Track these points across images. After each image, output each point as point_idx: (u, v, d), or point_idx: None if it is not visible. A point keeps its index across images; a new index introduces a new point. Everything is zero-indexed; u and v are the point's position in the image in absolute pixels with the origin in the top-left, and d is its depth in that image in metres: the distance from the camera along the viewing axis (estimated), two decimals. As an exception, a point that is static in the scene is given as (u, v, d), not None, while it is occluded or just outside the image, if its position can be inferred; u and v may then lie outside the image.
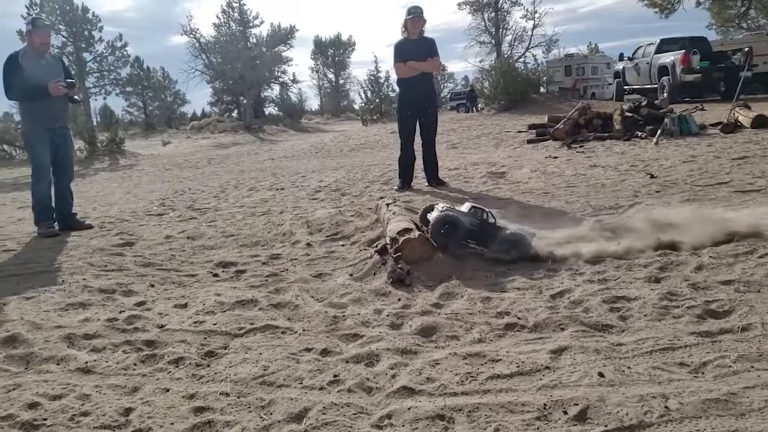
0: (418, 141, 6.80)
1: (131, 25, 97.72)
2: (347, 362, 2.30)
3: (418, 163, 6.90)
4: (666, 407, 1.81)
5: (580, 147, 9.19)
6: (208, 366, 2.36)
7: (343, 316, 2.81)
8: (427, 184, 6.73)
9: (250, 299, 3.12)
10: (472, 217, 3.53)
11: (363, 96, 30.97)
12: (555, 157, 8.32)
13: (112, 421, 1.96)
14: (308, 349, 2.45)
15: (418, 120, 6.68)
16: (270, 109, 41.09)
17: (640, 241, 3.53)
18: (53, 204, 5.40)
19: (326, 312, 2.87)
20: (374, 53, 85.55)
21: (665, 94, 15.28)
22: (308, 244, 4.34)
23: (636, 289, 2.86)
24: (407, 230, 3.47)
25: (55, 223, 5.36)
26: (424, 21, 6.64)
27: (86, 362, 2.43)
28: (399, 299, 2.98)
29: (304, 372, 2.23)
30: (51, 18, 24.41)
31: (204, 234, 4.94)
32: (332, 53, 55.75)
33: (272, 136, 26.27)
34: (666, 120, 9.49)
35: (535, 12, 35.64)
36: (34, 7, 24.80)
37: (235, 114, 38.30)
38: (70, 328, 2.83)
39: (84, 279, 3.71)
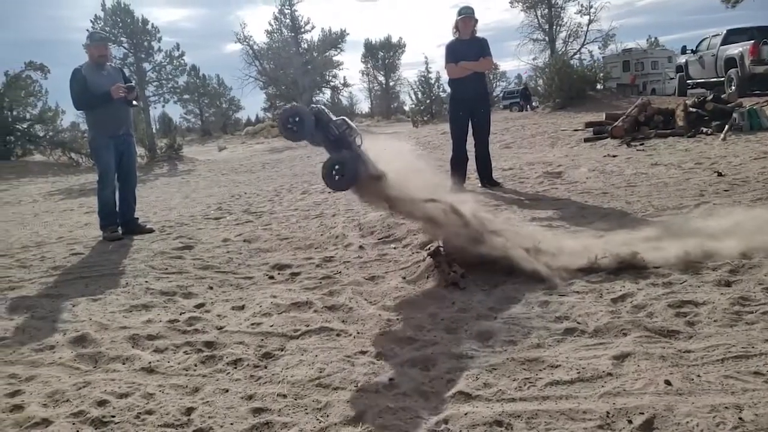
0: (470, 141, 6.72)
1: (187, 34, 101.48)
2: (402, 366, 2.29)
3: (471, 164, 6.81)
4: (740, 419, 1.71)
5: (641, 145, 8.85)
6: (266, 367, 2.40)
7: (397, 319, 2.80)
8: (480, 185, 6.64)
9: (305, 301, 3.16)
10: (334, 126, 3.31)
11: (413, 97, 30.93)
12: (614, 156, 8.04)
13: (174, 420, 2.02)
14: (363, 352, 2.45)
15: (470, 120, 6.61)
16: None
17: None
18: (117, 209, 5.63)
19: (380, 315, 2.88)
20: (424, 54, 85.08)
21: (733, 88, 14.54)
22: (360, 247, 4.36)
23: (704, 294, 2.72)
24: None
25: (119, 228, 5.59)
26: (476, 21, 6.56)
27: (150, 362, 2.52)
28: (454, 303, 2.94)
29: (360, 375, 2.24)
30: (114, 31, 25.56)
31: (260, 237, 5.04)
32: (382, 56, 55.94)
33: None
34: (734, 115, 9.00)
35: (591, 7, 34.70)
36: (98, 21, 26.03)
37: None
38: (134, 328, 2.95)
39: (146, 281, 3.85)
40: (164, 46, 27.51)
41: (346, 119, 3.42)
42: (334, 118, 3.36)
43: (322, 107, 3.43)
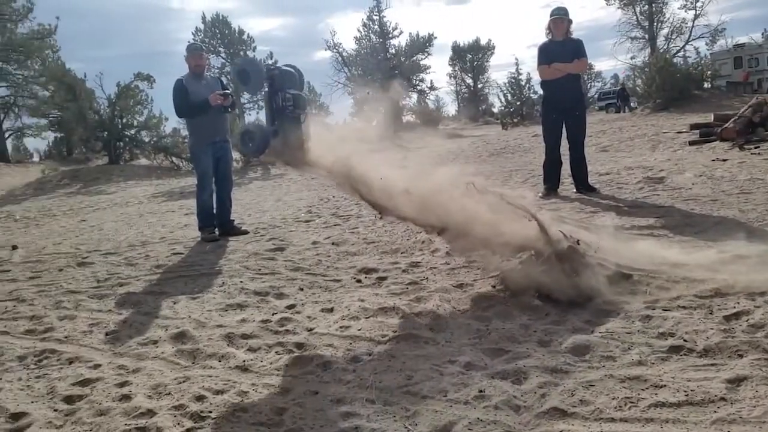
0: (564, 144, 6.47)
1: (280, 42, 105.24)
2: (493, 378, 2.22)
3: (565, 168, 6.56)
4: None
5: (755, 148, 8.12)
6: (354, 371, 2.41)
7: (487, 329, 2.72)
8: (575, 190, 6.37)
9: (392, 306, 3.15)
10: (280, 97, 3.41)
11: (503, 99, 30.29)
12: (724, 160, 7.45)
13: (267, 419, 2.07)
14: (452, 361, 2.40)
15: (564, 123, 6.37)
16: (408, 117, 41.94)
17: None
18: (214, 211, 5.92)
19: (469, 324, 2.81)
20: (515, 55, 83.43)
21: None
22: (447, 253, 4.29)
23: (836, 314, 2.44)
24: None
25: (216, 229, 5.87)
26: (569, 21, 6.32)
27: (244, 361, 2.60)
28: (547, 314, 2.82)
29: (448, 384, 2.19)
30: (212, 42, 27.14)
31: (347, 240, 5.11)
32: (470, 58, 55.39)
33: (408, 143, 26.69)
34: None
35: (697, 1, 32.57)
36: (198, 33, 27.75)
37: (374, 123, 39.62)
38: (230, 327, 3.07)
39: (241, 281, 4.00)
40: (258, 54, 28.92)
41: (299, 95, 3.55)
42: (290, 91, 3.50)
43: (287, 69, 3.56)
